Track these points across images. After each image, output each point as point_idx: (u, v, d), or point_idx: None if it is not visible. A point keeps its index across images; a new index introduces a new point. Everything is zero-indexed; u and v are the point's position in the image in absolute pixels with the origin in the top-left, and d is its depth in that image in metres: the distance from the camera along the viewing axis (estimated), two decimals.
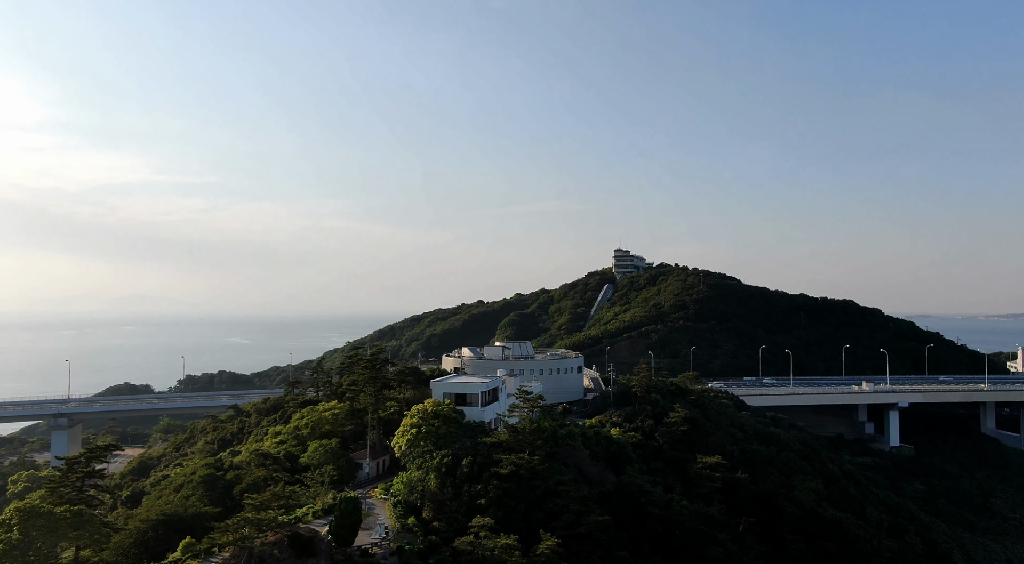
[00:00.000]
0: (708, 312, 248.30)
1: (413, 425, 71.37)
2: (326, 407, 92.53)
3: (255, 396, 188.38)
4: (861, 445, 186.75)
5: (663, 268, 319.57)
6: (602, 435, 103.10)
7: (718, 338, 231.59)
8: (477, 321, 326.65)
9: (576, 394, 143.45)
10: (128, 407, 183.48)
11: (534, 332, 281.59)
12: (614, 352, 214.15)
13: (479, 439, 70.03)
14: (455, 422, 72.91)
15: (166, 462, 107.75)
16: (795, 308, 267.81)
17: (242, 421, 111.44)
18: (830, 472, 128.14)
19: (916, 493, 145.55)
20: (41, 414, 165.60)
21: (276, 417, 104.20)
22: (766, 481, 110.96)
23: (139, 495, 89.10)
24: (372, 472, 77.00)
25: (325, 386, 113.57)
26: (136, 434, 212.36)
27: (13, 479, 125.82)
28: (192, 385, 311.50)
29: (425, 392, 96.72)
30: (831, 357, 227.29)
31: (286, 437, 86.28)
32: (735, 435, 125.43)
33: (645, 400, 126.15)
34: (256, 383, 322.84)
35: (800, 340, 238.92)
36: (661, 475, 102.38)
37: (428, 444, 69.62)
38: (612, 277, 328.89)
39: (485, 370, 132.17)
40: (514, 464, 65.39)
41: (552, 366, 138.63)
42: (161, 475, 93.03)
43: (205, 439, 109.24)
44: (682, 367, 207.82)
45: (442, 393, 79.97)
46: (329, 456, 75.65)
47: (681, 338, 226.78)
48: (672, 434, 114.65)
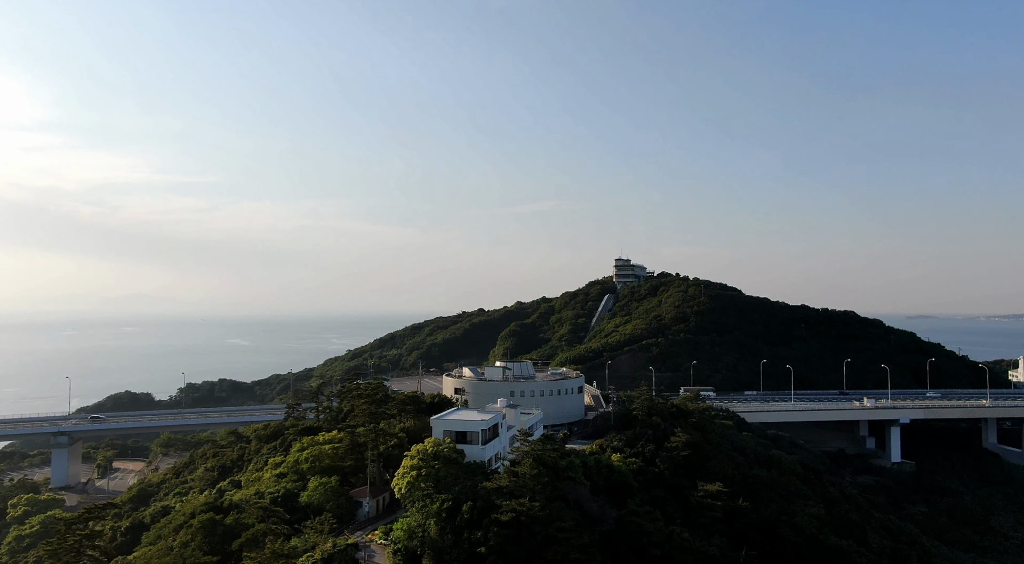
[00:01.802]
0: (709, 324, 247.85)
1: (413, 466, 71.03)
2: (326, 438, 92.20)
3: (255, 413, 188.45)
4: (863, 461, 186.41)
5: (664, 278, 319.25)
6: (603, 464, 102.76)
7: (719, 351, 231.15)
8: (478, 330, 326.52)
9: (577, 415, 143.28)
10: (127, 425, 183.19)
11: (535, 343, 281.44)
12: (615, 365, 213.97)
13: (480, 484, 69.66)
14: (455, 463, 72.60)
15: (166, 490, 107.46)
16: (796, 319, 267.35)
17: (242, 447, 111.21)
18: (831, 496, 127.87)
19: (918, 515, 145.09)
20: (41, 432, 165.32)
21: (276, 445, 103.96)
22: (767, 508, 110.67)
23: (139, 527, 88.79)
24: (372, 511, 76.72)
25: (325, 411, 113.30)
26: (136, 447, 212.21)
27: (13, 503, 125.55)
28: (192, 393, 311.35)
29: (425, 422, 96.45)
30: (832, 370, 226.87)
31: (286, 470, 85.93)
32: (736, 459, 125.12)
33: (646, 423, 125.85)
34: (257, 391, 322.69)
35: (801, 352, 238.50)
36: (662, 504, 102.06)
37: (428, 486, 69.29)
38: (613, 286, 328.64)
39: (485, 392, 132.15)
40: (514, 510, 65.09)
41: (553, 387, 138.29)
42: (162, 506, 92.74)
43: (205, 466, 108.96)
44: (683, 381, 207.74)
45: (442, 431, 79.61)
46: (329, 495, 75.40)
47: (682, 351, 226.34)
48: (673, 459, 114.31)
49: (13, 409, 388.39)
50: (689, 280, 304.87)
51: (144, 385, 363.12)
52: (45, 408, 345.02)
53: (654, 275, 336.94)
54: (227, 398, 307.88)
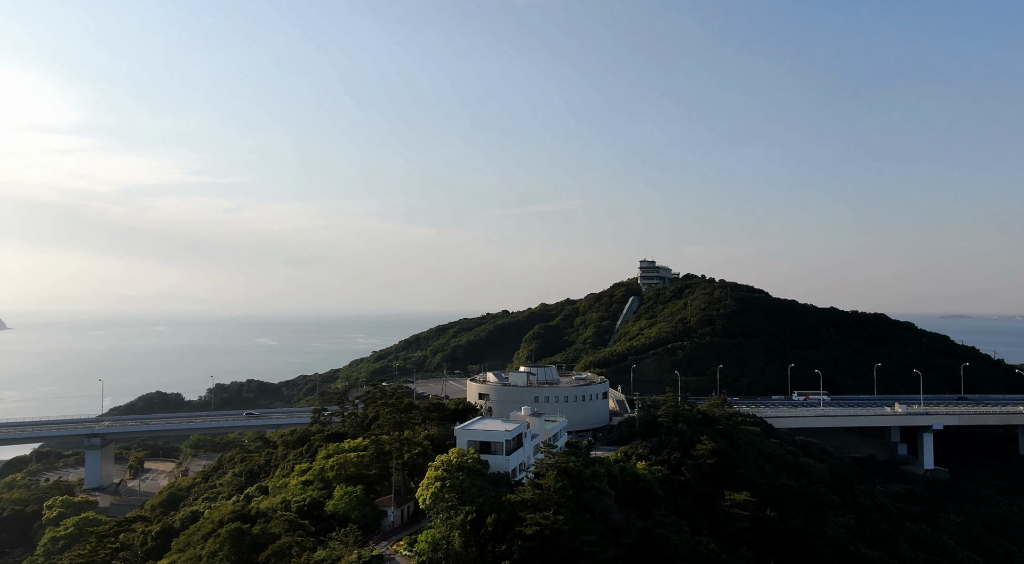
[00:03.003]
0: (735, 327, 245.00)
1: (437, 477, 71.12)
2: (351, 446, 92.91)
3: (281, 415, 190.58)
4: (894, 467, 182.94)
5: (689, 280, 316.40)
6: (628, 472, 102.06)
7: (745, 355, 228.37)
8: (502, 332, 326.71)
9: (602, 420, 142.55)
10: (158, 427, 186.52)
11: (559, 345, 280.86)
12: (640, 369, 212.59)
13: (504, 496, 69.50)
14: (479, 474, 72.53)
15: (195, 494, 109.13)
16: (824, 322, 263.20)
17: (269, 453, 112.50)
18: (862, 505, 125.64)
19: (952, 525, 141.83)
20: (75, 434, 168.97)
21: (302, 450, 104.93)
22: (796, 518, 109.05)
23: (169, 532, 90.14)
24: (397, 520, 76.98)
25: (351, 417, 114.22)
26: (167, 448, 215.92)
27: (48, 505, 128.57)
28: (221, 394, 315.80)
29: (449, 430, 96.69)
30: (862, 374, 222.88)
31: (312, 478, 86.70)
32: (763, 467, 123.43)
33: (672, 431, 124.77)
34: (284, 392, 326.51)
35: (830, 356, 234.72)
36: (688, 514, 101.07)
37: (452, 498, 69.33)
38: (638, 288, 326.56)
39: (509, 398, 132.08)
40: (539, 524, 64.83)
41: (577, 393, 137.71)
42: (191, 512, 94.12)
43: (233, 471, 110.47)
44: (709, 385, 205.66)
45: (466, 441, 79.61)
46: (354, 504, 75.89)
47: (708, 355, 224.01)
48: (699, 468, 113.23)
49: (46, 407, 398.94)
50: (715, 282, 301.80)
51: (174, 385, 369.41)
52: (77, 407, 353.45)
53: (679, 277, 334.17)
54: (255, 398, 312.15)
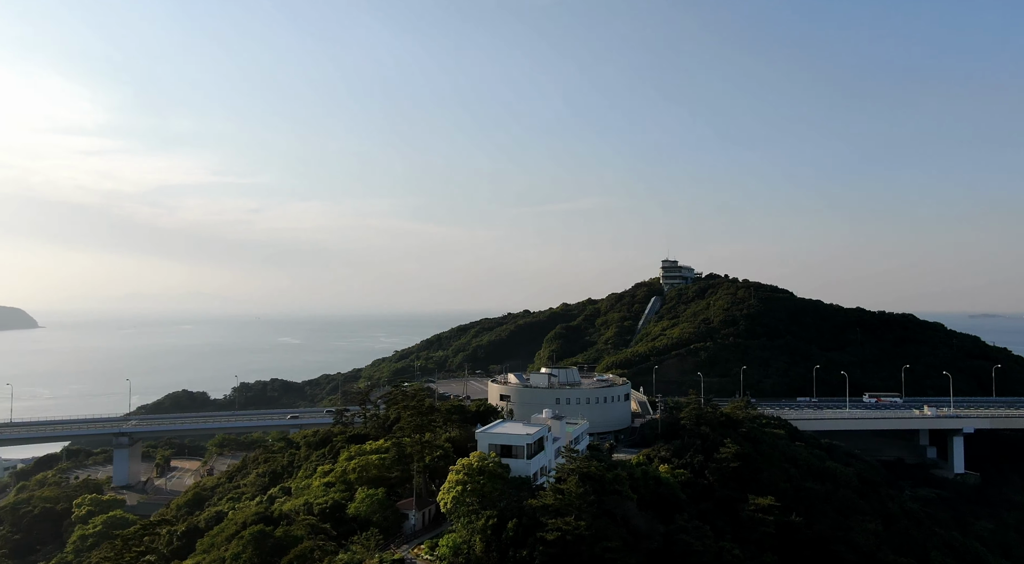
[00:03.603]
0: (759, 328, 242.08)
1: (459, 481, 71.02)
2: (373, 447, 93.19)
3: (304, 415, 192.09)
4: (923, 471, 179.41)
5: (712, 279, 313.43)
6: (650, 476, 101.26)
7: (769, 356, 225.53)
8: (523, 332, 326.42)
9: (623, 422, 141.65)
10: (184, 427, 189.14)
11: (580, 346, 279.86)
12: (662, 370, 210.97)
13: (525, 500, 69.19)
14: (500, 478, 72.30)
15: (220, 494, 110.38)
16: (851, 323, 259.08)
17: (292, 453, 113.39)
18: (890, 511, 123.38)
19: (984, 532, 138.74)
20: (103, 433, 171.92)
21: (324, 452, 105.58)
22: (822, 523, 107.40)
23: (194, 532, 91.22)
24: (418, 524, 77.02)
25: (372, 419, 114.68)
26: (193, 446, 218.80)
27: (77, 502, 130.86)
28: (246, 392, 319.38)
29: (470, 432, 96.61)
30: (890, 376, 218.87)
31: (334, 480, 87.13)
32: (788, 471, 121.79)
33: (694, 433, 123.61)
34: (307, 391, 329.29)
35: (856, 357, 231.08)
36: (711, 518, 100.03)
37: (474, 502, 69.20)
38: (660, 288, 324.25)
39: (531, 399, 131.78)
40: (560, 529, 64.44)
41: (599, 395, 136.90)
42: (215, 512, 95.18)
43: (257, 472, 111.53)
44: (732, 387, 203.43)
45: (487, 445, 79.45)
46: (376, 506, 76.07)
47: (731, 356, 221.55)
48: (722, 471, 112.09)
49: (76, 405, 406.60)
50: (738, 282, 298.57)
51: (200, 383, 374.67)
52: (106, 405, 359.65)
53: (702, 277, 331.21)
54: (279, 397, 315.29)
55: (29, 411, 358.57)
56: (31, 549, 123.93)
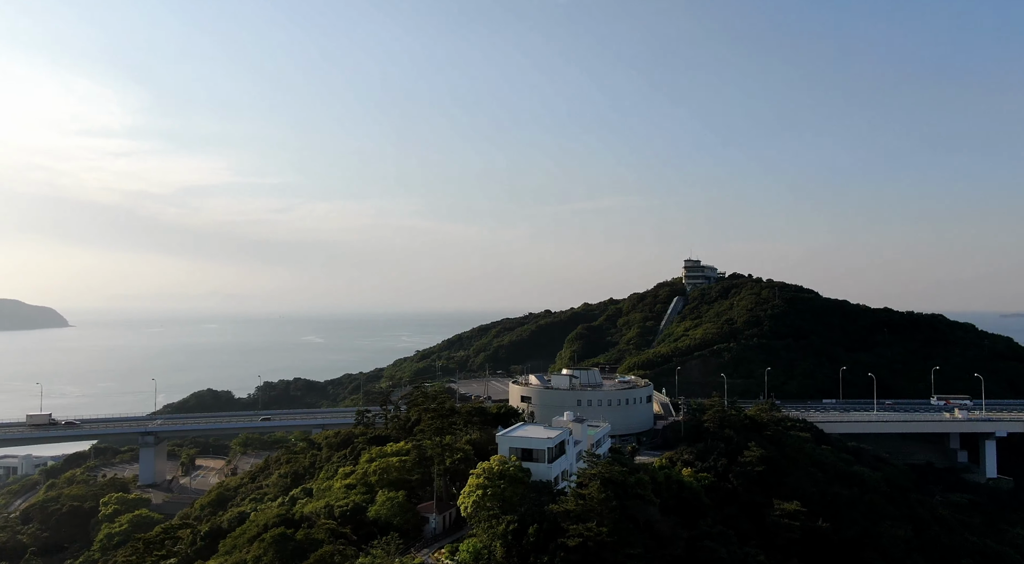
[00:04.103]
0: (784, 328, 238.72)
1: (479, 485, 70.53)
2: (394, 449, 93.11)
3: (327, 416, 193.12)
4: (953, 475, 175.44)
5: (736, 279, 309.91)
6: (673, 479, 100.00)
7: (794, 357, 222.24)
8: (544, 332, 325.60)
9: (646, 424, 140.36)
10: (208, 426, 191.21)
11: (602, 346, 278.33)
12: (685, 371, 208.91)
13: (546, 505, 68.47)
14: (521, 482, 71.67)
15: (243, 495, 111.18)
16: (878, 323, 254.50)
17: (314, 454, 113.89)
18: (920, 516, 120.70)
19: (1018, 538, 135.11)
20: (129, 431, 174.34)
21: (346, 453, 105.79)
22: (850, 529, 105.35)
23: (217, 532, 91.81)
24: (438, 527, 76.71)
25: (393, 420, 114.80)
26: (217, 445, 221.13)
27: (104, 501, 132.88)
28: (269, 392, 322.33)
29: (491, 434, 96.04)
30: (918, 378, 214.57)
31: (355, 482, 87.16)
32: (815, 475, 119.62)
33: (718, 436, 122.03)
34: (329, 391, 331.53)
35: (884, 359, 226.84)
36: (735, 523, 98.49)
37: (494, 506, 68.65)
38: (682, 288, 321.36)
39: (552, 401, 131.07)
40: (582, 535, 63.64)
41: (621, 396, 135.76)
42: (238, 512, 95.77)
43: (279, 472, 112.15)
44: (756, 388, 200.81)
45: (508, 448, 78.79)
46: (396, 509, 75.88)
47: (755, 357, 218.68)
48: (747, 475, 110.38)
49: (104, 403, 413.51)
50: (762, 282, 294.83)
51: (224, 382, 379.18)
52: (133, 403, 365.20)
53: (725, 276, 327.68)
54: (301, 396, 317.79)
55: (59, 409, 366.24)
56: (59, 547, 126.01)
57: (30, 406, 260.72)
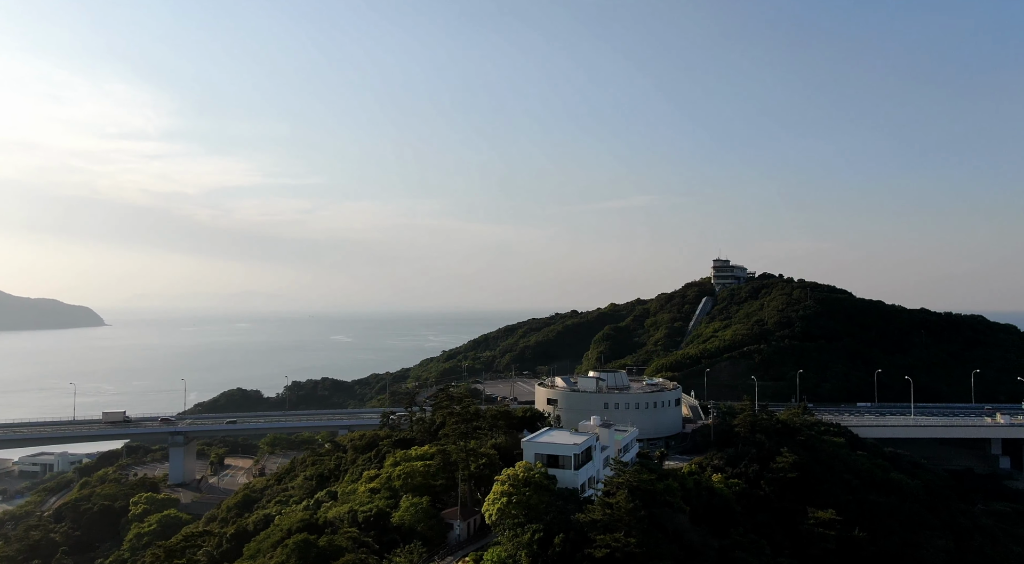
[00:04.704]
0: (816, 329, 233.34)
1: (504, 492, 69.20)
2: (418, 453, 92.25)
3: (353, 417, 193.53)
4: (995, 482, 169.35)
5: (766, 279, 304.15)
6: (703, 486, 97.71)
7: (827, 359, 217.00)
8: (571, 332, 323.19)
9: (674, 428, 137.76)
10: (236, 427, 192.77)
11: (629, 347, 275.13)
12: (714, 373, 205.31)
13: (572, 514, 66.85)
14: (547, 490, 70.16)
15: (268, 497, 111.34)
16: (915, 325, 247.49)
17: (339, 457, 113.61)
18: (961, 526, 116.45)
19: None
20: (159, 431, 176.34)
21: (371, 456, 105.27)
22: (888, 539, 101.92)
23: (242, 534, 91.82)
24: (463, 533, 75.48)
25: (418, 423, 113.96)
26: (246, 445, 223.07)
27: (134, 501, 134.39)
28: (297, 391, 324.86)
29: (516, 439, 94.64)
30: (958, 380, 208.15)
31: (379, 486, 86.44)
32: (850, 482, 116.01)
33: (749, 441, 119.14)
34: (356, 391, 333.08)
35: (921, 361, 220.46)
36: (768, 532, 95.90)
37: (519, 514, 67.24)
38: (711, 288, 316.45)
39: (578, 404, 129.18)
40: (609, 545, 61.91)
41: (648, 399, 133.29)
42: (263, 515, 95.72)
43: (304, 474, 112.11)
44: (788, 391, 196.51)
45: (533, 454, 77.30)
46: (420, 516, 74.86)
47: (786, 359, 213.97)
48: (779, 482, 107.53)
49: (138, 401, 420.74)
50: (793, 282, 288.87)
51: (254, 381, 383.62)
52: (165, 401, 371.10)
53: (755, 276, 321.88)
54: (329, 396, 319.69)
55: (94, 407, 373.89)
56: (91, 546, 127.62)
57: (66, 404, 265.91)
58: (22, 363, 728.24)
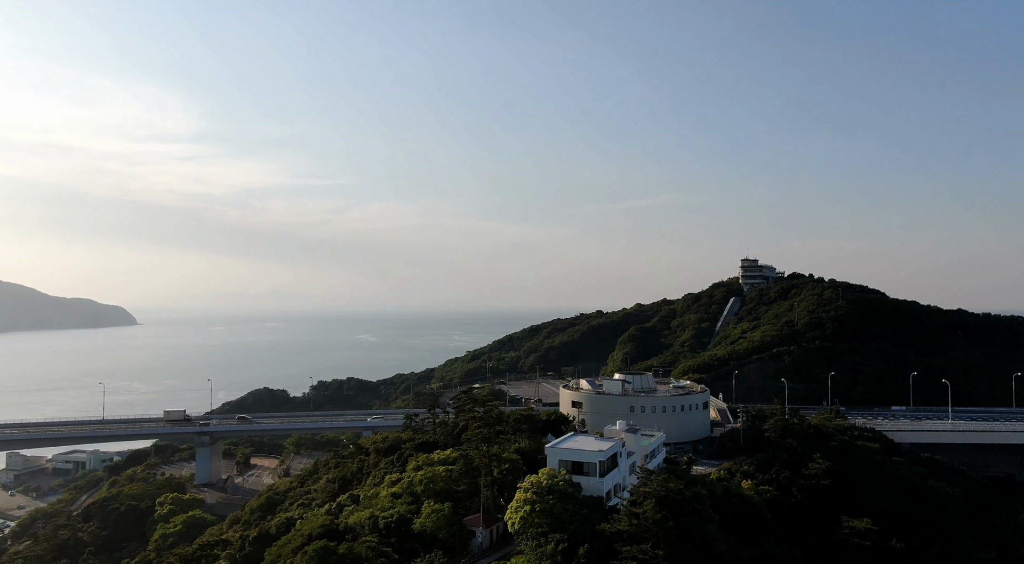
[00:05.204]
0: (848, 331, 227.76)
1: (527, 500, 67.46)
2: (440, 458, 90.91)
3: (377, 418, 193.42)
4: None
5: (795, 279, 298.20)
6: (732, 493, 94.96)
7: (860, 361, 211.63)
8: (596, 333, 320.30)
9: (702, 432, 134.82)
10: (260, 427, 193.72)
11: (655, 348, 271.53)
12: (742, 375, 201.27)
13: (598, 524, 64.87)
14: (571, 498, 68.23)
15: (292, 499, 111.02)
16: (951, 326, 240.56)
17: (362, 460, 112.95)
18: (1005, 537, 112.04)
19: None
20: (186, 431, 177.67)
21: (393, 459, 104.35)
22: (927, 550, 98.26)
23: (265, 537, 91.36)
24: (485, 541, 73.89)
25: (441, 426, 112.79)
26: (272, 445, 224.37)
27: (160, 501, 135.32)
28: (323, 391, 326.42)
29: (540, 443, 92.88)
30: (997, 384, 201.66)
31: (400, 491, 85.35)
32: (886, 490, 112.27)
33: (780, 446, 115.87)
34: (381, 391, 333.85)
35: (958, 363, 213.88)
36: (800, 541, 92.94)
37: (543, 523, 65.45)
38: (739, 289, 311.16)
39: (603, 407, 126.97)
40: (636, 557, 59.84)
41: (675, 403, 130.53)
42: (286, 518, 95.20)
43: (327, 477, 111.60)
44: (819, 394, 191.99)
45: (557, 461, 75.45)
46: (442, 522, 73.47)
47: (817, 361, 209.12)
48: (812, 489, 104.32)
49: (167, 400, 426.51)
50: (824, 282, 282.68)
51: (281, 381, 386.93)
52: (193, 400, 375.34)
53: (784, 276, 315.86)
54: (354, 396, 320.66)
55: (126, 405, 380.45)
56: (117, 546, 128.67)
57: (96, 402, 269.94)
58: (57, 361, 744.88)
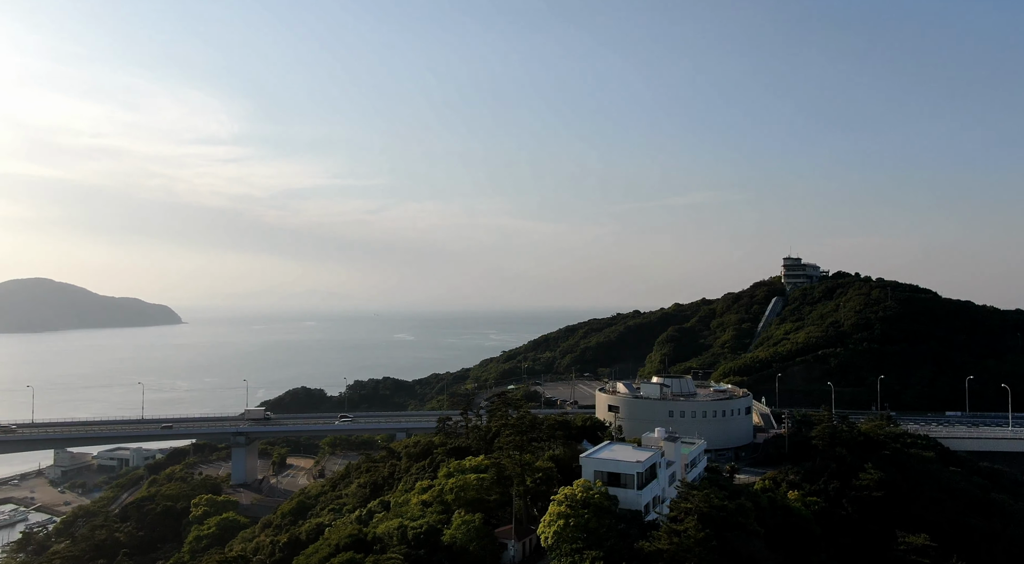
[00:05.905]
0: (898, 332, 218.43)
1: (561, 514, 64.21)
2: (472, 465, 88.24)
3: (410, 419, 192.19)
4: None
5: (841, 278, 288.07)
6: (778, 505, 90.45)
7: (910, 364, 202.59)
8: (633, 333, 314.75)
9: (744, 438, 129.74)
10: (295, 428, 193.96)
11: (694, 349, 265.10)
12: (786, 378, 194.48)
13: (635, 542, 61.30)
14: (608, 513, 64.76)
15: (323, 504, 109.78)
16: (1009, 327, 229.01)
17: (393, 464, 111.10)
18: None
19: None
20: (222, 431, 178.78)
21: (425, 465, 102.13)
22: None
23: (295, 543, 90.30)
24: (517, 554, 70.97)
25: (474, 430, 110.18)
26: (308, 445, 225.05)
27: (195, 502, 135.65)
28: (359, 390, 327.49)
29: (575, 450, 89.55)
30: None
31: (431, 499, 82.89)
32: (943, 502, 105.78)
33: (828, 455, 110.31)
34: (417, 390, 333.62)
35: (1018, 366, 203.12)
36: (852, 557, 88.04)
37: (578, 539, 62.15)
38: (781, 288, 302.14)
39: (641, 412, 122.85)
40: None
41: (717, 408, 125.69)
42: (316, 523, 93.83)
43: (358, 482, 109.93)
44: (867, 398, 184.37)
45: (592, 471, 71.99)
46: (472, 534, 70.71)
47: (865, 363, 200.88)
48: (864, 501, 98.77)
49: (208, 398, 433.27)
50: (871, 281, 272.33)
51: (318, 380, 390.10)
52: (233, 398, 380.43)
53: (828, 275, 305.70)
54: (390, 396, 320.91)
55: (168, 403, 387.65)
56: (153, 546, 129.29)
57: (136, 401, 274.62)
58: (105, 359, 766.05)
